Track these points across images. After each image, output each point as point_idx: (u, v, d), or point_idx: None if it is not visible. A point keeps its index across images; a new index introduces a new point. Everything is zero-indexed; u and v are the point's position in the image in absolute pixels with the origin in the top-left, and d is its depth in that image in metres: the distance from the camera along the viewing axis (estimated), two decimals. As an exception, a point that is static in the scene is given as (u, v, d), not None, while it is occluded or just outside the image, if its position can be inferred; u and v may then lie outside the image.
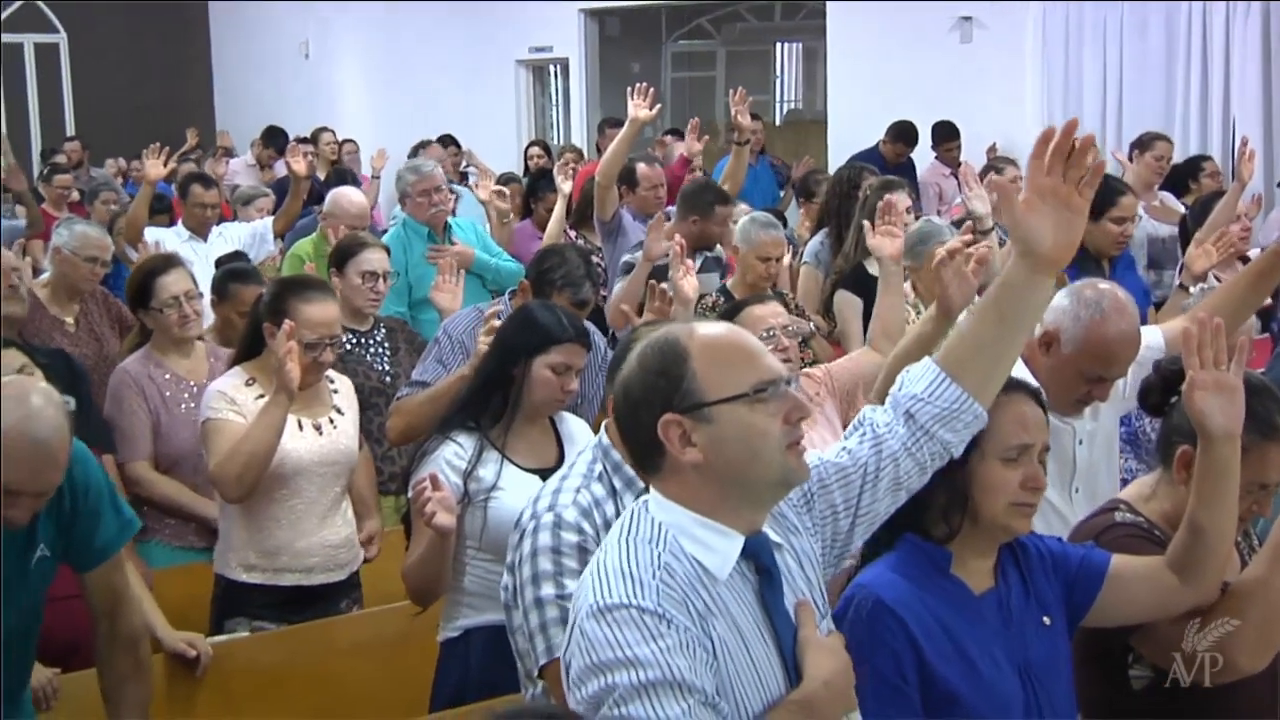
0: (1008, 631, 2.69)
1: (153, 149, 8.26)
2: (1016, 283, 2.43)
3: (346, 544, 4.40)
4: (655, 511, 2.28)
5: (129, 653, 3.35)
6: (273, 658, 4.14)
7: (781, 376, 2.25)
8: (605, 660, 2.13)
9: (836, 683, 2.24)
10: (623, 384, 2.32)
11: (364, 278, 5.39)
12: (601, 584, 2.19)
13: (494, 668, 3.40)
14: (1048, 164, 2.35)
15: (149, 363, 4.94)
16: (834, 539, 2.48)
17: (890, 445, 2.47)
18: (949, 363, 2.48)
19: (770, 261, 5.83)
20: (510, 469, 3.52)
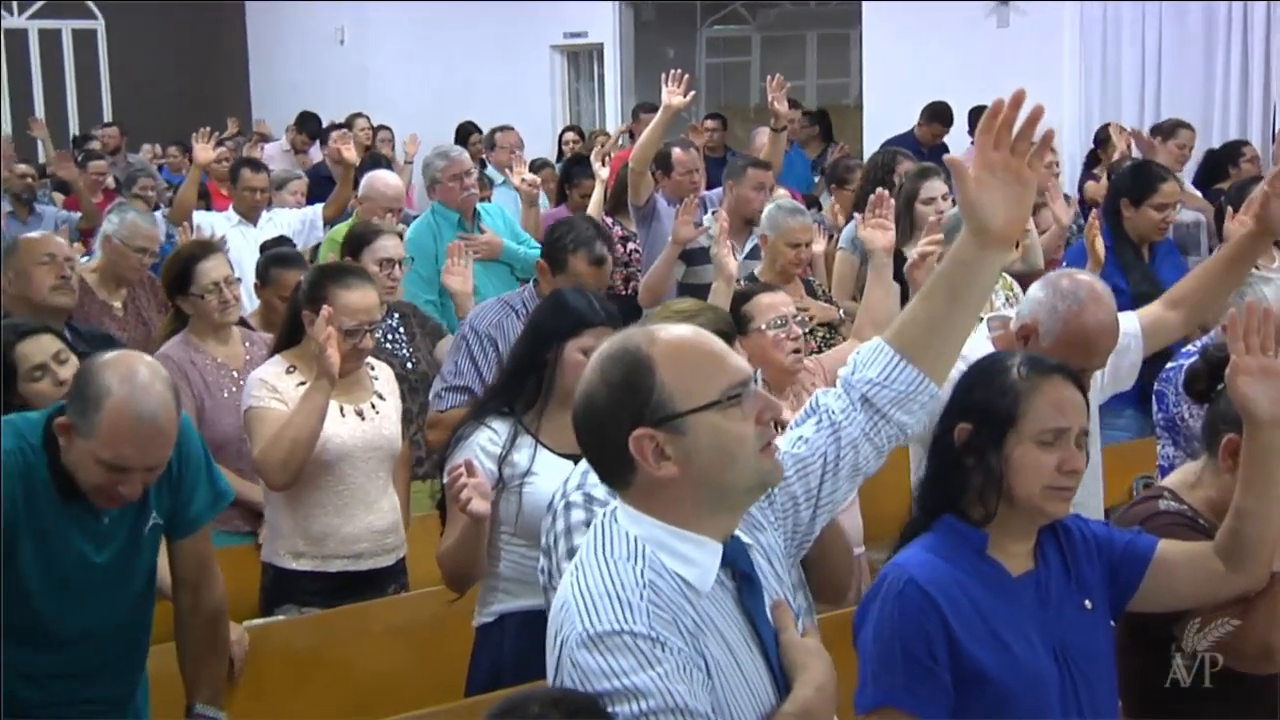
0: (1044, 614, 2.68)
1: (202, 133, 8.32)
2: (967, 259, 2.37)
3: (393, 529, 4.42)
4: (626, 525, 2.21)
5: (210, 626, 3.42)
6: (308, 642, 4.16)
7: (749, 375, 2.20)
8: (602, 691, 2.06)
9: (828, 687, 2.22)
10: (584, 396, 2.22)
11: (380, 265, 5.38)
12: (588, 609, 2.11)
13: (529, 653, 3.39)
14: (995, 137, 2.30)
15: (189, 348, 4.96)
16: (795, 530, 2.43)
17: (849, 432, 2.40)
18: (902, 343, 2.41)
19: (800, 248, 5.81)
20: (544, 454, 3.52)
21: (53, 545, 3.05)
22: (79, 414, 3.00)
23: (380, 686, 4.16)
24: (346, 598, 4.31)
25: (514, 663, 3.50)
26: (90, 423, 2.98)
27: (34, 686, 3.11)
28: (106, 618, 3.18)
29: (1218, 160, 8.78)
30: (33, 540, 3.03)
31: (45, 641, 3.10)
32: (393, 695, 4.04)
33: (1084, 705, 2.67)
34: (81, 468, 3.02)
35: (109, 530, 3.11)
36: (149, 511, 3.18)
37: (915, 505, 2.82)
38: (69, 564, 3.07)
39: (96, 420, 2.97)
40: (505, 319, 4.67)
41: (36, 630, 3.08)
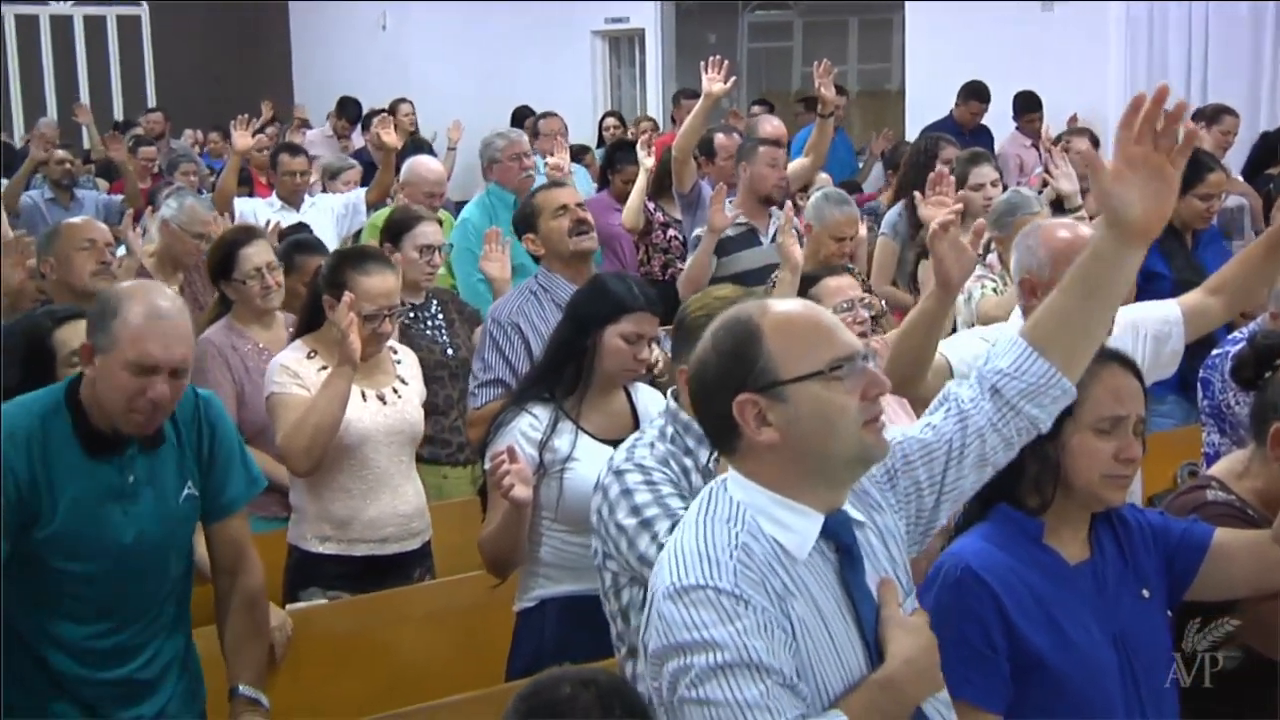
0: (1102, 602, 2.67)
1: (240, 120, 8.34)
2: (1105, 255, 2.37)
3: (418, 513, 4.42)
4: (733, 491, 2.26)
5: (249, 610, 3.43)
6: (348, 626, 4.17)
7: (858, 352, 2.22)
8: (682, 641, 2.12)
9: (919, 661, 2.22)
10: (696, 365, 2.30)
11: (420, 252, 5.38)
12: (678, 564, 2.18)
13: (570, 638, 3.42)
14: (1137, 132, 2.29)
15: (231, 333, 4.98)
16: (918, 516, 2.45)
17: (976, 421, 2.42)
18: (1036, 337, 2.42)
19: (844, 241, 5.77)
20: (585, 439, 3.52)
21: (82, 508, 3.06)
22: (99, 329, 3.07)
23: (420, 671, 4.17)
24: (372, 581, 4.32)
25: (555, 648, 3.49)
26: (110, 331, 3.04)
27: (73, 661, 3.13)
28: (143, 589, 3.19)
29: (1270, 143, 8.69)
30: (60, 504, 3.04)
31: (81, 616, 3.11)
32: (433, 680, 4.05)
33: (1143, 693, 2.65)
34: (110, 387, 3.04)
35: (135, 490, 3.12)
36: (181, 480, 3.20)
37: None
38: (99, 525, 3.08)
39: (115, 325, 3.04)
40: (526, 304, 4.67)
41: (73, 599, 3.10)
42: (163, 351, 3.03)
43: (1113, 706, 2.61)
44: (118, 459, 3.12)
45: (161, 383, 3.04)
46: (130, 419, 3.07)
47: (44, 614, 3.10)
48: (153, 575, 3.21)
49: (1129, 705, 2.63)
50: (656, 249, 7.68)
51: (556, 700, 2.14)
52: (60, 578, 3.08)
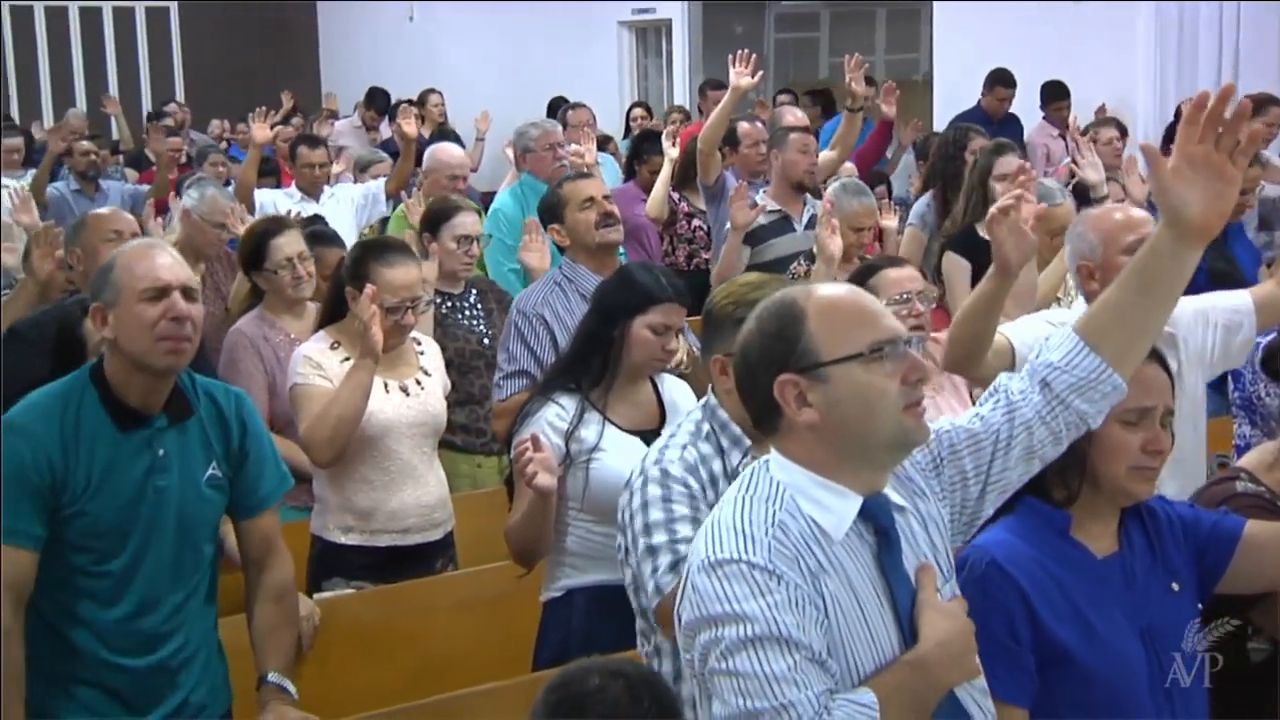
0: (1130, 596, 2.65)
1: (258, 112, 8.36)
2: (1162, 252, 2.37)
3: (440, 504, 4.43)
4: (775, 471, 2.28)
5: (278, 601, 3.44)
6: (374, 616, 4.18)
7: (900, 336, 2.24)
8: (714, 614, 2.15)
9: (953, 645, 2.22)
10: (741, 346, 2.33)
11: (458, 242, 5.39)
12: (714, 539, 2.21)
13: (596, 627, 3.42)
14: (1201, 131, 2.28)
15: (263, 324, 5.00)
16: (963, 505, 2.46)
17: (1024, 413, 2.42)
18: (1089, 332, 2.42)
19: (862, 231, 5.77)
20: (612, 430, 3.52)
21: (114, 480, 3.08)
22: (102, 287, 3.13)
23: (447, 661, 4.18)
24: (395, 572, 4.33)
25: (582, 638, 3.50)
26: (112, 282, 3.10)
27: (100, 644, 3.14)
28: (172, 567, 3.19)
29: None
30: (94, 478, 3.06)
31: (111, 598, 3.12)
32: (459, 669, 4.06)
33: (1173, 687, 2.64)
34: (131, 331, 3.07)
35: (166, 464, 3.13)
36: (207, 459, 3.21)
37: None
38: (131, 498, 3.10)
39: (115, 274, 3.11)
40: (550, 294, 4.65)
41: (102, 579, 3.11)
42: (168, 271, 3.10)
43: (1140, 701, 2.60)
44: (147, 431, 3.13)
45: (179, 301, 3.08)
46: (162, 348, 3.08)
47: (72, 595, 3.11)
48: (182, 553, 3.21)
49: (1156, 700, 2.62)
50: (681, 239, 7.68)
51: (585, 692, 2.13)
52: (91, 557, 3.10)
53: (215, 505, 3.27)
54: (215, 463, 3.23)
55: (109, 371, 3.13)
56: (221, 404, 3.27)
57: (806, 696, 2.09)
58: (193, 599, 3.27)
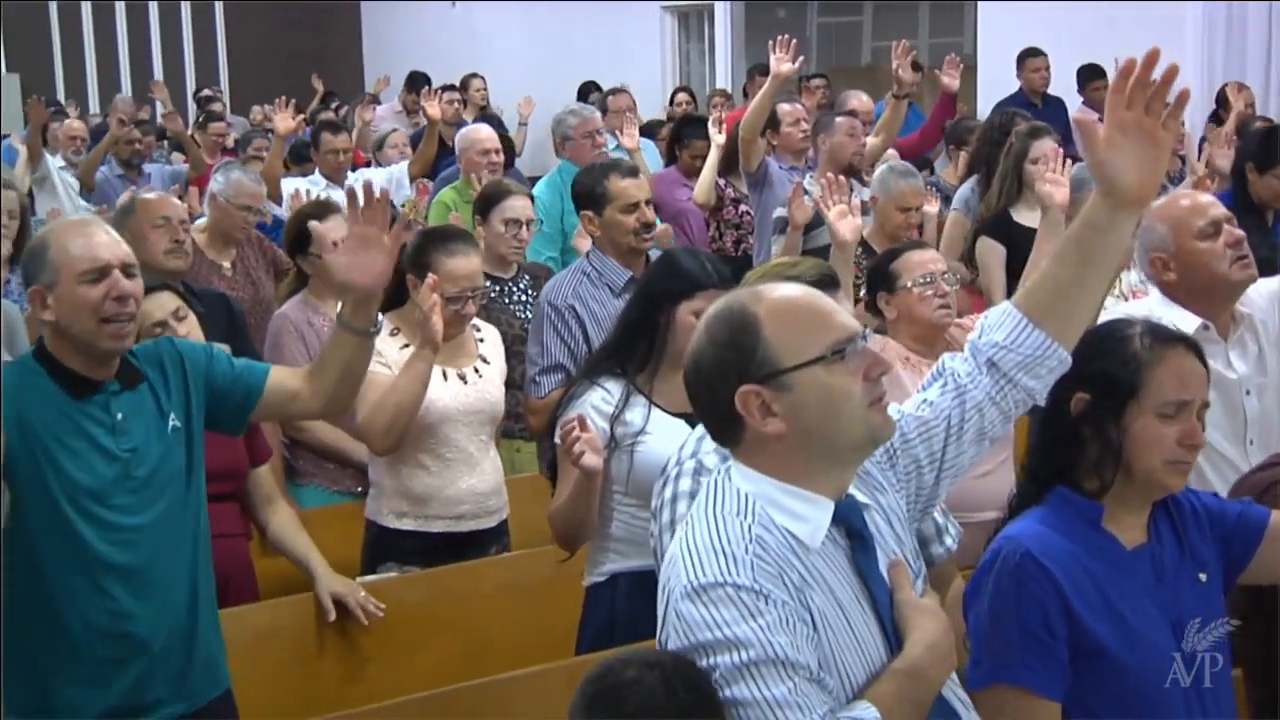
0: (1160, 586, 2.63)
1: (280, 102, 8.40)
2: (1098, 223, 2.33)
3: (495, 491, 4.45)
4: (739, 482, 2.22)
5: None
6: (419, 599, 4.21)
7: (857, 333, 2.19)
8: (704, 641, 2.09)
9: (940, 646, 2.20)
10: (693, 358, 2.25)
11: (508, 225, 5.39)
12: (693, 562, 2.13)
13: (639, 612, 3.41)
14: (1129, 97, 2.24)
15: (307, 308, 5.02)
16: (919, 493, 2.42)
17: (974, 395, 2.38)
18: (1030, 307, 2.38)
19: (910, 212, 5.75)
20: (657, 413, 3.52)
21: (76, 450, 3.07)
22: (38, 270, 3.09)
23: (490, 644, 4.21)
24: (448, 558, 4.35)
25: (626, 622, 3.52)
26: (48, 263, 3.07)
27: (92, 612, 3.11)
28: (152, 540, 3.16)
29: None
30: (57, 451, 3.05)
31: (97, 568, 3.09)
32: (503, 653, 4.09)
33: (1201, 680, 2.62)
34: (73, 313, 3.05)
35: (125, 427, 3.12)
36: (164, 415, 3.19)
37: (1025, 475, 2.78)
38: (97, 466, 3.08)
39: (51, 255, 3.07)
40: (579, 285, 4.65)
41: (84, 552, 3.08)
42: (108, 250, 3.08)
43: (1172, 694, 2.59)
44: (101, 397, 3.12)
45: (119, 280, 3.06)
46: (106, 330, 3.06)
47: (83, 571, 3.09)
48: (166, 512, 3.18)
49: (1187, 692, 2.61)
50: (728, 225, 7.67)
51: (621, 683, 2.13)
52: (85, 527, 3.07)
53: (180, 453, 3.23)
54: (174, 415, 3.21)
55: (52, 347, 3.13)
56: (163, 357, 3.24)
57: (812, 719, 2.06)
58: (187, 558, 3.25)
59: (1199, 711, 2.61)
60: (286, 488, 4.84)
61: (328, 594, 3.97)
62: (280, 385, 3.34)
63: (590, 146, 6.87)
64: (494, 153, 7.03)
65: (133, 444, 3.13)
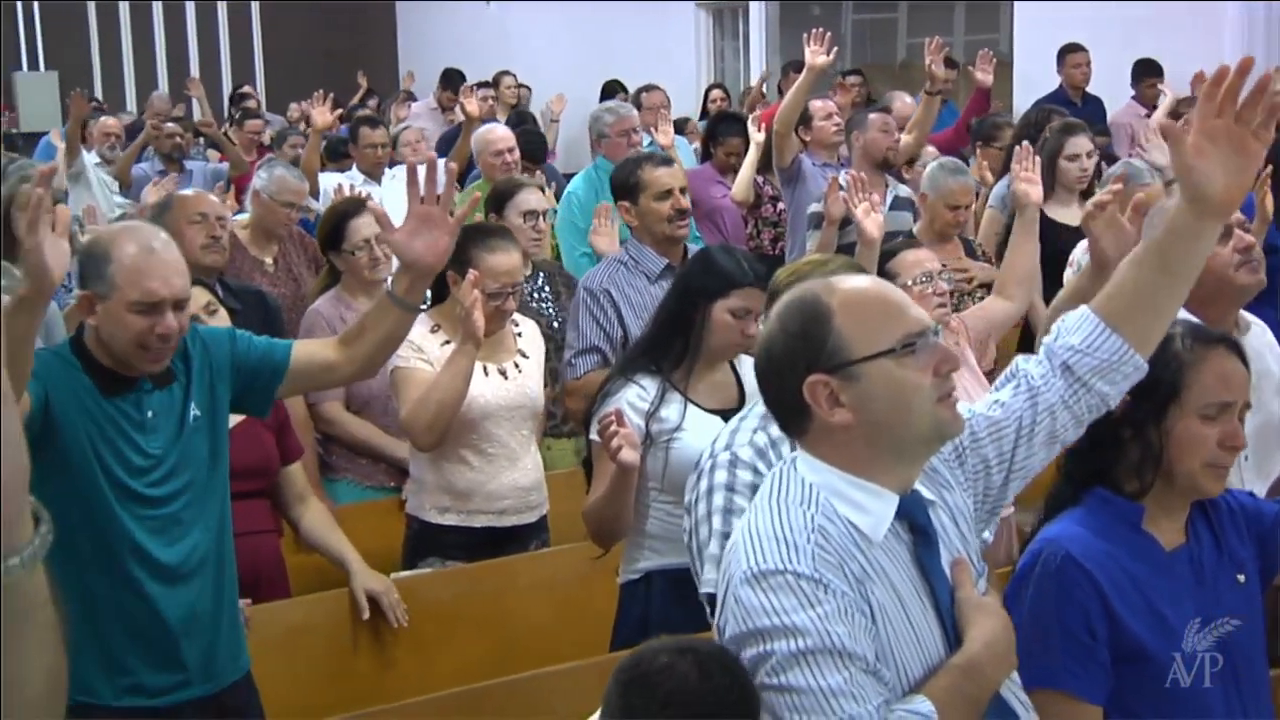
0: (1200, 588, 2.61)
1: (317, 97, 8.42)
2: (1182, 231, 2.31)
3: (536, 486, 4.46)
4: (804, 472, 2.22)
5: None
6: (454, 594, 4.22)
7: (929, 327, 2.19)
8: (761, 628, 2.09)
9: (998, 643, 2.18)
10: (764, 346, 2.27)
11: (524, 217, 5.41)
12: (755, 549, 2.14)
13: (674, 610, 3.42)
14: (1219, 105, 2.23)
15: (340, 304, 5.04)
16: (986, 494, 2.41)
17: (1047, 398, 2.37)
18: (1108, 312, 2.37)
19: (959, 210, 5.73)
20: (693, 410, 3.52)
21: (108, 441, 3.10)
22: (95, 277, 3.10)
23: (525, 640, 4.21)
24: (489, 553, 4.36)
25: (660, 619, 3.50)
26: (107, 278, 3.07)
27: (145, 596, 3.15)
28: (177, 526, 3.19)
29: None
30: (94, 438, 3.09)
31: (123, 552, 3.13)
32: (537, 649, 4.09)
33: (1242, 680, 2.61)
34: (117, 331, 3.08)
35: (155, 424, 3.16)
36: (189, 404, 3.22)
37: (1062, 477, 2.76)
38: (126, 458, 3.12)
39: (112, 271, 3.07)
40: (616, 273, 4.69)
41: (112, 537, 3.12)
42: (164, 286, 3.07)
43: (1212, 693, 2.57)
44: (133, 395, 3.15)
45: (168, 318, 3.08)
46: (142, 356, 3.11)
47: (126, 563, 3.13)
48: (191, 500, 3.21)
49: (1228, 692, 2.59)
50: (766, 222, 7.66)
51: (654, 670, 2.13)
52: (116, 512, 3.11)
53: (201, 442, 3.25)
54: (193, 403, 3.23)
55: (90, 343, 3.16)
56: (187, 345, 3.24)
57: (866, 710, 2.04)
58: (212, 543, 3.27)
59: (1239, 712, 2.59)
60: (320, 483, 4.86)
61: (362, 591, 3.98)
62: (309, 358, 3.36)
63: (626, 144, 6.87)
64: (508, 152, 7.02)
65: (162, 441, 3.17)
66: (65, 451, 3.06)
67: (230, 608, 3.34)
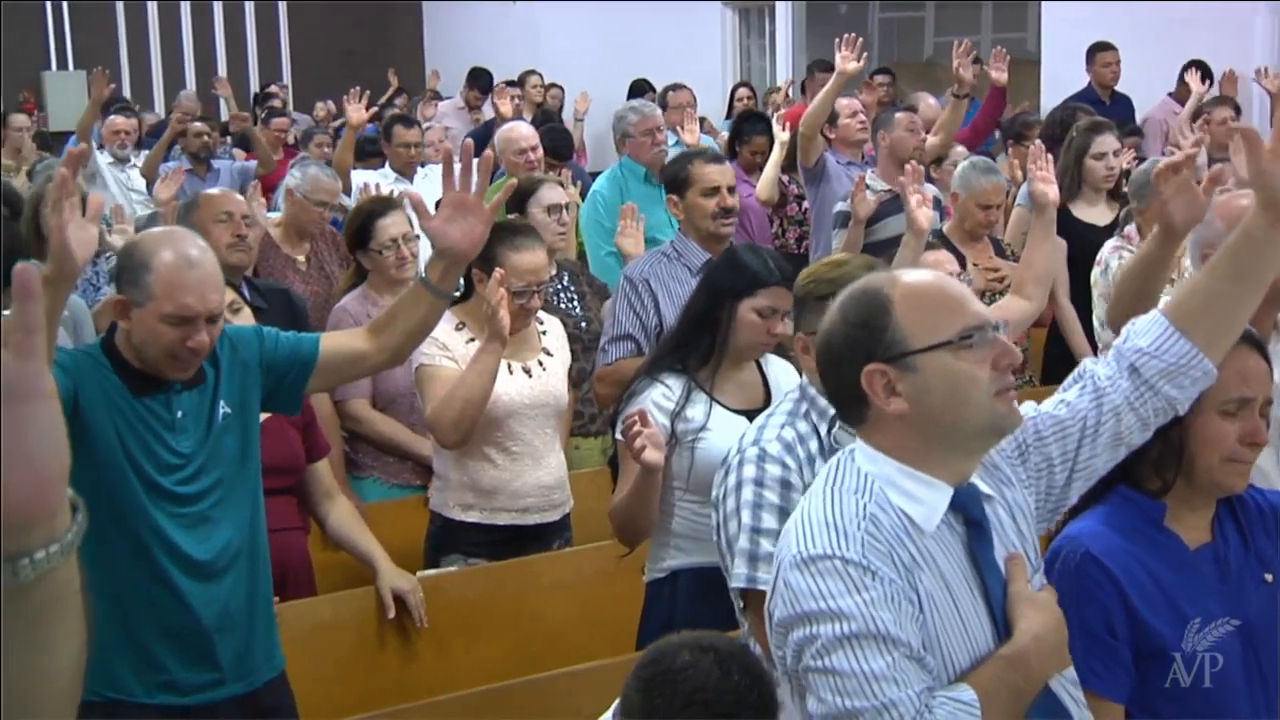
0: (1225, 587, 2.60)
1: (352, 94, 8.44)
2: (1256, 235, 2.32)
3: (560, 484, 4.46)
4: (861, 462, 2.23)
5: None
6: (478, 592, 4.22)
7: (988, 322, 2.19)
8: (808, 611, 2.11)
9: (1048, 638, 2.18)
10: (824, 335, 2.28)
11: (548, 211, 5.42)
12: (806, 534, 2.16)
13: (700, 609, 3.42)
14: None
15: (366, 302, 5.05)
16: (1049, 493, 2.41)
17: (1112, 399, 2.37)
18: (1178, 316, 2.37)
19: (990, 209, 5.71)
20: (719, 410, 3.52)
21: (139, 435, 3.11)
22: (131, 284, 3.10)
23: (550, 639, 4.22)
24: (512, 551, 4.36)
25: (686, 618, 3.50)
26: (144, 286, 3.07)
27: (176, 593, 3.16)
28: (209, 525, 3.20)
29: None
30: (122, 430, 3.10)
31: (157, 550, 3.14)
32: (562, 647, 4.09)
33: (1269, 680, 2.60)
34: (148, 338, 3.09)
35: (184, 423, 3.17)
36: (218, 401, 3.23)
37: None
38: (158, 457, 3.13)
39: (150, 280, 3.07)
40: (659, 265, 4.71)
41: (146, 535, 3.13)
42: (199, 301, 3.07)
43: (1237, 692, 2.56)
44: (163, 395, 3.16)
45: (200, 331, 3.08)
46: (171, 365, 3.12)
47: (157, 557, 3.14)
48: (222, 498, 3.22)
49: (1253, 692, 2.58)
50: (791, 221, 7.66)
51: (677, 668, 2.15)
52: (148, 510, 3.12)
53: (235, 441, 3.27)
54: (223, 401, 3.24)
55: (121, 345, 3.17)
56: (215, 346, 3.24)
57: (907, 695, 2.05)
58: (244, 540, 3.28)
59: (1265, 711, 2.58)
60: (347, 481, 4.88)
61: (389, 589, 3.99)
62: (337, 350, 3.37)
63: (650, 144, 6.85)
64: (531, 151, 7.00)
65: (191, 441, 3.18)
66: (95, 448, 3.07)
67: (265, 606, 3.35)
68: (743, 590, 2.87)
